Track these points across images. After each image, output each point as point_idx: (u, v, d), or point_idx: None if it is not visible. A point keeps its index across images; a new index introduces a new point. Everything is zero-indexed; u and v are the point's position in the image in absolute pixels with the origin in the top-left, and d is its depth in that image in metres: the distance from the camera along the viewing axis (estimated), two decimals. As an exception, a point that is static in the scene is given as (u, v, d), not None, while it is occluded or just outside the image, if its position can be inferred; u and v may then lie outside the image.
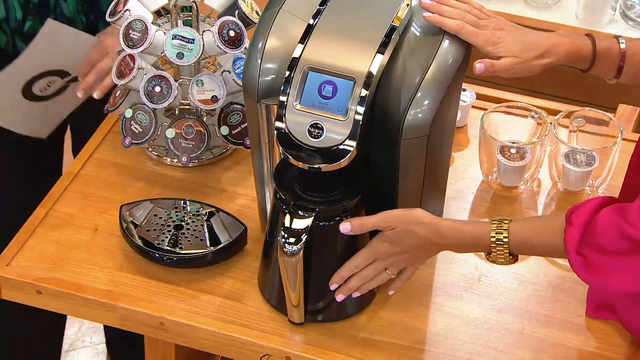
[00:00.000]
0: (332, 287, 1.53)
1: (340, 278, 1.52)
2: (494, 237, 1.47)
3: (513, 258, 1.49)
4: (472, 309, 1.62)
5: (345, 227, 1.48)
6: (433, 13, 1.49)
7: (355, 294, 1.53)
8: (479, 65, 1.50)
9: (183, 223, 1.69)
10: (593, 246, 1.41)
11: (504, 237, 1.46)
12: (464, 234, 1.49)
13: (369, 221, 1.49)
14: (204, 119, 1.85)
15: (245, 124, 1.81)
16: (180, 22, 1.81)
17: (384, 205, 1.56)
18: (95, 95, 1.89)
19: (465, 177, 1.86)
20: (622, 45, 1.56)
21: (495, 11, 2.93)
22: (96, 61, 1.88)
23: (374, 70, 1.42)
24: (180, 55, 1.75)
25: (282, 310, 1.58)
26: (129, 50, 1.76)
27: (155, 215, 1.70)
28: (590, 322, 1.60)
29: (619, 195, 1.63)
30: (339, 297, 1.53)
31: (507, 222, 1.47)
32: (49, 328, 2.40)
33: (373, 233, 1.58)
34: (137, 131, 1.82)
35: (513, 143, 1.80)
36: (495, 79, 1.63)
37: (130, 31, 1.76)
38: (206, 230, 1.68)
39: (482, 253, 1.51)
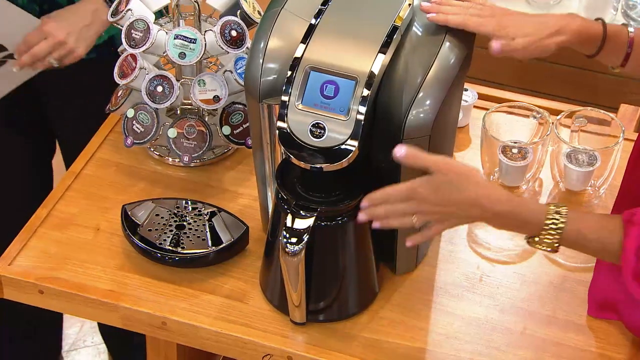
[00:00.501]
0: (363, 204, 1.43)
1: (370, 199, 1.43)
2: (550, 219, 1.40)
3: (557, 246, 1.43)
4: (473, 309, 1.62)
5: (400, 151, 1.38)
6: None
7: (375, 224, 1.44)
8: (495, 45, 1.47)
9: (185, 223, 1.69)
10: None
11: (561, 223, 1.40)
12: (518, 207, 1.41)
13: (425, 157, 1.38)
14: (206, 119, 1.85)
15: (247, 124, 1.81)
16: (182, 21, 1.81)
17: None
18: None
19: (467, 177, 1.86)
20: (631, 32, 1.55)
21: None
22: (33, 43, 1.88)
23: (376, 70, 1.42)
24: (182, 55, 1.75)
25: (283, 310, 1.58)
26: (131, 50, 1.76)
27: (157, 215, 1.70)
28: (592, 322, 1.60)
29: (616, 197, 1.62)
30: (361, 216, 1.44)
31: (565, 208, 1.41)
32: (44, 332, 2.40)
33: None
34: (139, 131, 1.82)
35: (515, 143, 1.80)
36: (497, 78, 1.63)
37: (133, 31, 1.76)
38: (208, 230, 1.68)
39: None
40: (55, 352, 2.60)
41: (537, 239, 1.42)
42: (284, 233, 1.46)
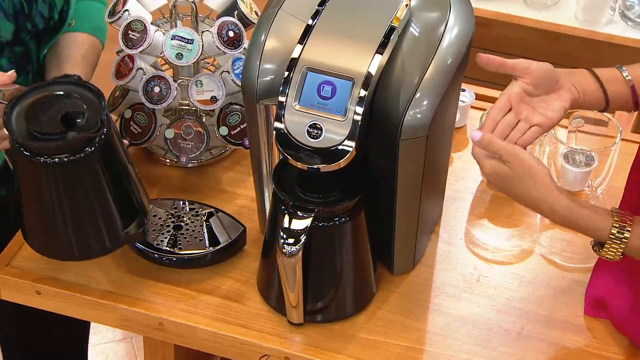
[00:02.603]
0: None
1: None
2: (614, 234, 1.41)
3: (623, 255, 1.44)
4: (471, 309, 1.62)
5: (475, 135, 1.43)
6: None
7: None
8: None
9: (182, 223, 1.69)
10: None
11: (624, 239, 1.41)
12: (580, 219, 1.42)
13: (499, 144, 1.42)
14: (203, 120, 1.85)
15: (245, 125, 1.81)
16: (179, 22, 1.81)
17: (383, 205, 1.56)
18: None
19: (465, 177, 1.86)
20: (628, 77, 1.52)
21: (495, 12, 2.94)
22: None
23: (373, 70, 1.42)
24: (179, 56, 1.75)
25: (281, 310, 1.58)
26: (128, 51, 1.76)
27: (155, 215, 1.70)
28: (589, 322, 1.60)
29: (622, 197, 1.62)
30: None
31: (630, 220, 1.42)
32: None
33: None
34: (136, 132, 1.82)
35: (512, 143, 1.80)
36: (495, 78, 1.62)
37: (130, 31, 1.76)
38: (205, 230, 1.68)
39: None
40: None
41: (602, 250, 1.44)
42: (281, 234, 1.46)
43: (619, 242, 1.42)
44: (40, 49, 1.77)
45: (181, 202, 1.73)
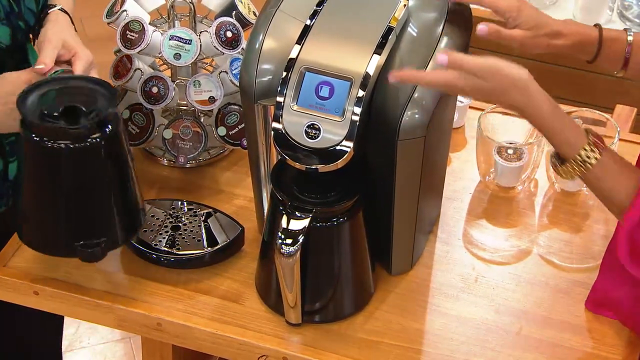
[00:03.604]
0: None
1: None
2: (580, 155, 1.39)
3: (577, 177, 1.42)
4: (469, 310, 1.62)
5: (442, 57, 1.38)
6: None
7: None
8: (481, 27, 1.48)
9: (180, 224, 1.69)
10: None
11: (589, 164, 1.39)
12: (555, 125, 1.39)
13: (468, 62, 1.37)
14: (202, 120, 1.85)
15: (243, 125, 1.81)
16: (177, 22, 1.81)
17: (381, 206, 1.56)
18: None
19: (463, 177, 1.86)
20: (630, 37, 1.55)
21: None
22: None
23: (371, 70, 1.42)
24: (177, 56, 1.75)
25: (279, 311, 1.58)
26: (126, 51, 1.76)
27: (153, 216, 1.70)
28: (587, 322, 1.60)
29: None
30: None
31: (602, 147, 1.39)
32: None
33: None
34: (134, 132, 1.82)
35: (510, 144, 1.81)
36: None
37: (128, 32, 1.76)
38: (203, 231, 1.68)
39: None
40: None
41: (561, 167, 1.41)
42: (279, 234, 1.46)
43: (582, 164, 1.39)
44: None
45: (179, 203, 1.73)
